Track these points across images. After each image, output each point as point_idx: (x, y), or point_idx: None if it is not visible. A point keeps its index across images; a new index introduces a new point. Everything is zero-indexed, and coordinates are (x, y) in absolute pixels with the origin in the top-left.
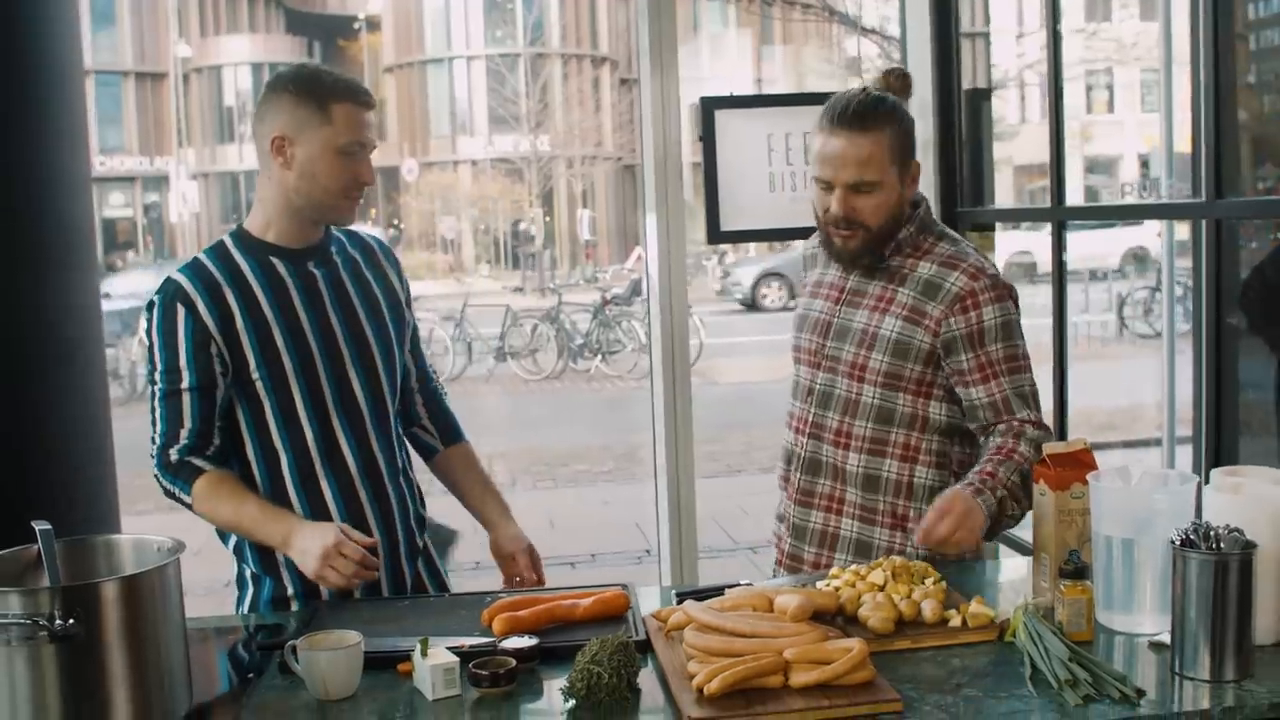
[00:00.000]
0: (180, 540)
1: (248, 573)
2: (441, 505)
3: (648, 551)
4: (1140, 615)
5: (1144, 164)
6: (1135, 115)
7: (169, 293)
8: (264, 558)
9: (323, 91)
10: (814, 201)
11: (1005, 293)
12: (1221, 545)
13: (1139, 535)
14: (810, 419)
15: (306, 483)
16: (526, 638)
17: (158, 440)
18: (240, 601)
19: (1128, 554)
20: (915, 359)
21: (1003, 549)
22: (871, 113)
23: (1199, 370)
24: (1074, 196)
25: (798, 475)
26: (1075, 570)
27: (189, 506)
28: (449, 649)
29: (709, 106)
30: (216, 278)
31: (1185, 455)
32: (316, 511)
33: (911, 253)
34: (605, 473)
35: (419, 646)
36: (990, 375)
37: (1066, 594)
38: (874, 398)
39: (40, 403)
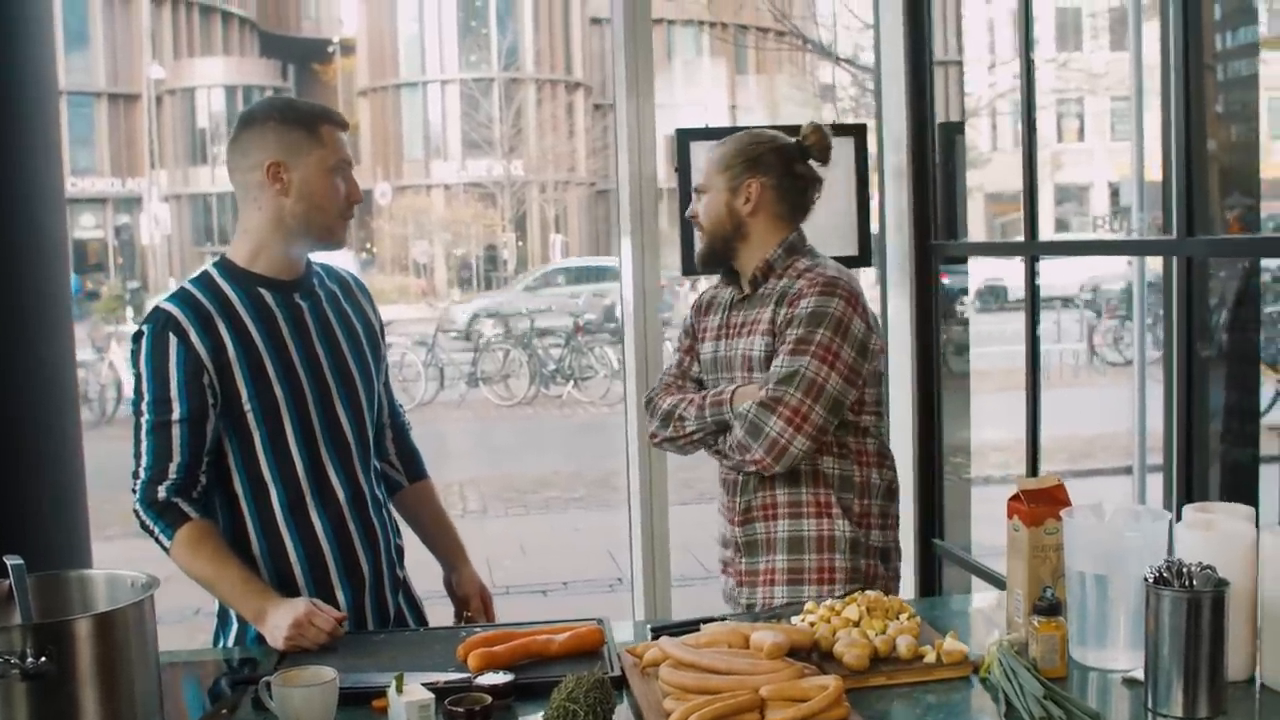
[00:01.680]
0: (154, 576)
1: (232, 610)
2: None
3: (620, 580)
4: (1114, 651)
5: (1114, 192)
6: (1105, 143)
7: (159, 321)
8: None
9: (307, 116)
10: None
11: (834, 290)
12: (1194, 583)
13: (1112, 571)
14: None
15: (296, 514)
16: (502, 674)
17: (143, 474)
18: (222, 636)
19: (1101, 590)
20: None
21: (975, 581)
22: (724, 139)
23: (1169, 402)
24: (1044, 224)
25: (737, 499)
26: (1049, 607)
27: (164, 549)
28: (424, 685)
29: (684, 138)
30: (207, 307)
31: (1156, 484)
32: (307, 543)
33: (781, 273)
34: (577, 499)
35: (394, 683)
36: (780, 353)
37: (1040, 630)
38: None
39: (13, 424)
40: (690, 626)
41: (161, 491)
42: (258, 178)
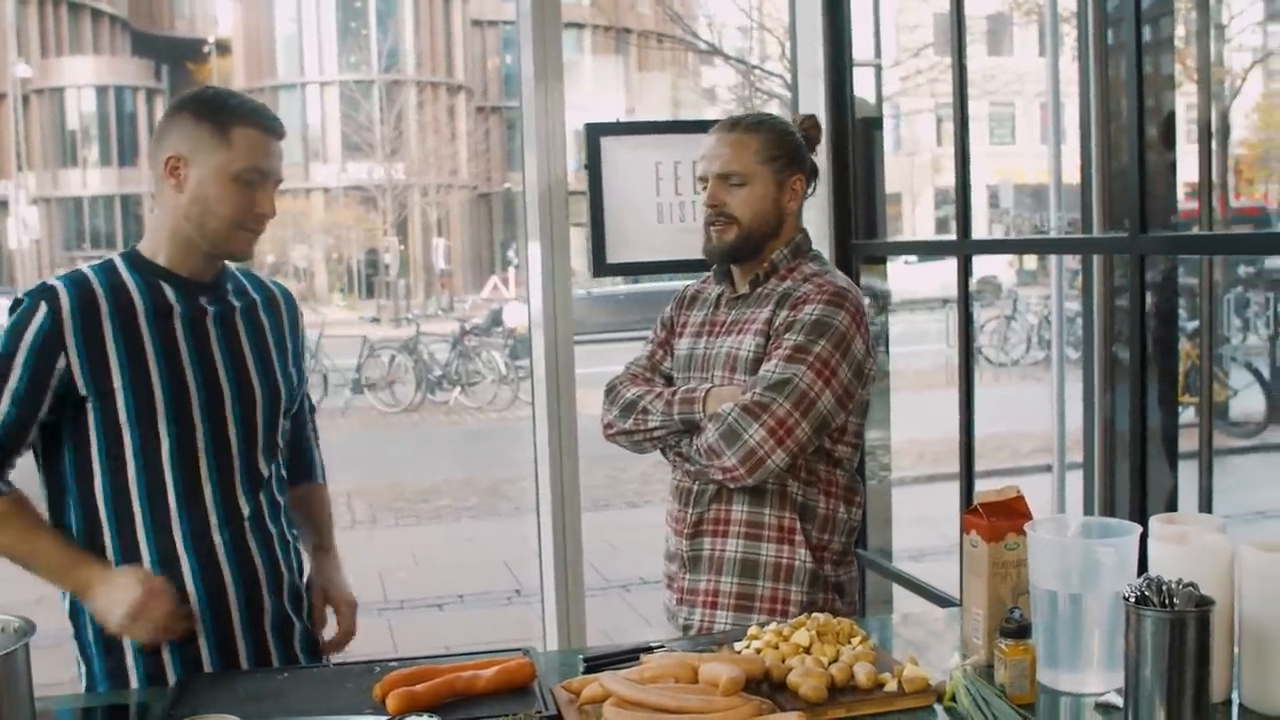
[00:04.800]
0: (30, 620)
1: (84, 639)
2: None
3: (517, 592)
4: (1086, 674)
5: (992, 195)
6: (984, 147)
7: (38, 292)
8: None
9: (224, 114)
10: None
11: (842, 302)
12: (1175, 601)
13: (1084, 590)
14: None
15: (159, 531)
16: (426, 716)
17: None
18: (81, 676)
19: (1073, 609)
20: None
21: (912, 598)
22: (747, 121)
23: (1089, 401)
24: (926, 227)
25: (689, 510)
26: (1018, 629)
27: None
28: None
29: (594, 134)
30: (95, 290)
31: (1073, 484)
32: (167, 564)
33: (785, 275)
34: (469, 509)
35: None
36: (774, 357)
37: (1009, 654)
38: None
39: None
40: (629, 657)
41: None
42: (159, 171)
